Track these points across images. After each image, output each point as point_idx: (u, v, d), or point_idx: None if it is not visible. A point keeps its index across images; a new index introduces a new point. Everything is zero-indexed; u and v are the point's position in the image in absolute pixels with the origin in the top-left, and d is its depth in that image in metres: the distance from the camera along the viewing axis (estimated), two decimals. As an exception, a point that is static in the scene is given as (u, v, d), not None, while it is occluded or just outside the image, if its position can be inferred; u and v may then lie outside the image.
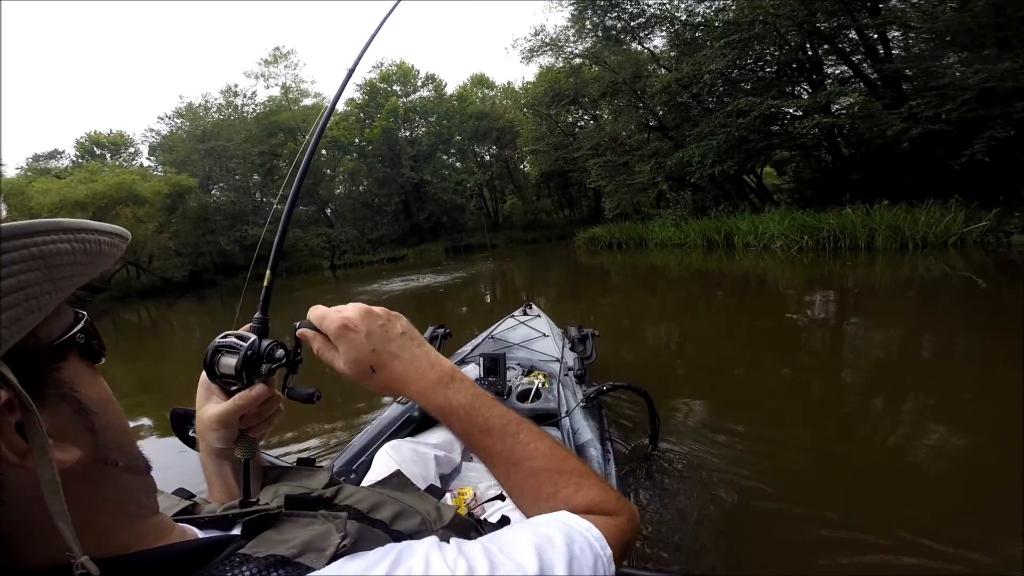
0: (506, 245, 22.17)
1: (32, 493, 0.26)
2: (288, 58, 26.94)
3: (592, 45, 15.60)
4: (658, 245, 12.09)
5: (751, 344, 4.15)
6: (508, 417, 0.50)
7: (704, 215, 11.91)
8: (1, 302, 0.23)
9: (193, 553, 0.34)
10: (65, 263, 0.28)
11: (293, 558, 0.34)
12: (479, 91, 28.87)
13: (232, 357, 0.50)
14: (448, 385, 0.49)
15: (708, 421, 2.60)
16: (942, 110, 7.77)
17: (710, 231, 10.59)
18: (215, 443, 0.53)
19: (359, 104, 26.91)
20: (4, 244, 0.24)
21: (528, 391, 1.86)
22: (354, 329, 0.48)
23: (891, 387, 2.96)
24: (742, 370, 3.54)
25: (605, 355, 3.91)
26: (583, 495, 0.47)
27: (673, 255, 10.76)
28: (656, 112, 14.70)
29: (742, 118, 10.55)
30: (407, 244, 24.77)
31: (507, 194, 29.27)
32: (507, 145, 25.87)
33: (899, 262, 6.72)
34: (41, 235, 0.26)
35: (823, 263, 7.40)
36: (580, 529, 0.42)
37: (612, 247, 13.75)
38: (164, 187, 17.83)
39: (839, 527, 1.68)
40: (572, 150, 17.74)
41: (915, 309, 4.68)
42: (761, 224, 9.23)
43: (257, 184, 26.41)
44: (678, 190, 13.51)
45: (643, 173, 13.64)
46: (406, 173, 24.13)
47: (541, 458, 0.48)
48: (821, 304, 5.32)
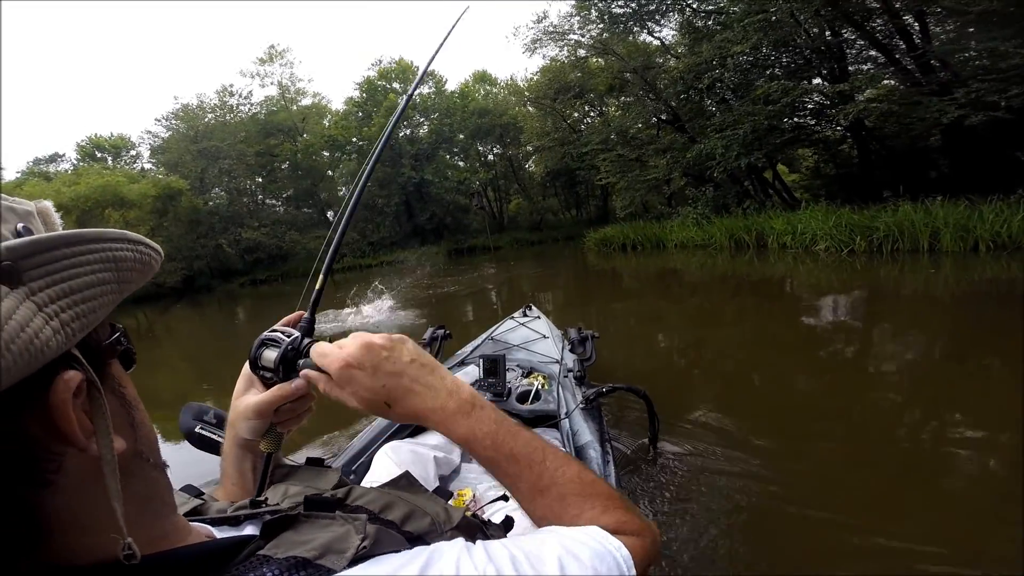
0: (511, 247, 21.39)
1: (84, 479, 0.27)
2: (283, 56, 26.26)
3: (599, 34, 14.64)
4: (678, 246, 11.07)
5: (787, 358, 3.74)
6: (534, 443, 0.49)
7: (726, 213, 10.95)
8: (85, 294, 0.26)
9: (214, 553, 0.35)
10: (127, 268, 0.30)
11: (314, 560, 0.34)
12: (481, 88, 28.03)
13: (274, 351, 0.52)
14: (469, 414, 0.48)
15: (710, 425, 2.56)
16: (1004, 96, 6.82)
17: (738, 230, 9.54)
18: (245, 433, 0.54)
19: (357, 102, 26.10)
20: (89, 246, 0.27)
21: (528, 393, 1.85)
22: (358, 367, 0.47)
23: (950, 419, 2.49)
24: (786, 389, 3.16)
25: (618, 361, 3.89)
26: (610, 516, 0.47)
27: (695, 257, 9.80)
28: (669, 104, 13.71)
29: (772, 105, 9.59)
30: (408, 246, 23.92)
31: (512, 194, 28.37)
32: (511, 143, 24.98)
33: (972, 266, 5.77)
34: (112, 242, 0.29)
35: (879, 267, 6.44)
36: (609, 547, 0.42)
37: (626, 248, 12.74)
38: (151, 189, 17.00)
39: (842, 531, 1.68)
40: (579, 145, 16.79)
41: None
42: (800, 222, 8.19)
43: (259, 186, 25.71)
44: (696, 186, 12.49)
45: (658, 168, 12.68)
46: (407, 172, 23.21)
47: (569, 483, 0.48)
48: (888, 317, 4.45)
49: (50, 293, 0.24)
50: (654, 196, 16.35)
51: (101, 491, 0.27)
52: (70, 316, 0.25)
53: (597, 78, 15.69)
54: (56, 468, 0.26)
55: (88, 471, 0.27)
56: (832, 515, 1.77)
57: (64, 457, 0.26)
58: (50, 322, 0.24)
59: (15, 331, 0.21)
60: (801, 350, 3.93)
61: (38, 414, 0.25)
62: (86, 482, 0.27)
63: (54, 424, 0.25)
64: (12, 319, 0.21)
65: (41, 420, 0.25)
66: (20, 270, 0.23)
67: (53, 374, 0.25)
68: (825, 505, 1.83)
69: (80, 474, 0.27)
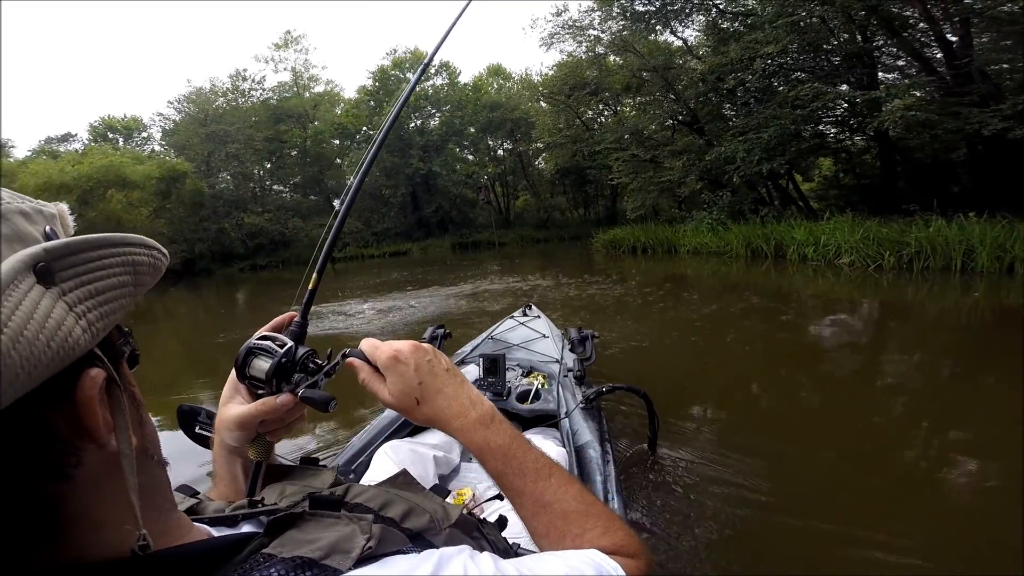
0: (516, 243, 21.00)
1: (100, 475, 0.28)
2: (299, 42, 25.95)
3: (619, 31, 14.22)
4: (690, 252, 10.65)
5: (801, 371, 3.61)
6: (542, 461, 0.51)
7: (742, 220, 10.58)
8: (108, 295, 0.27)
9: (219, 549, 0.35)
10: (142, 272, 0.31)
11: (320, 560, 0.34)
12: (495, 81, 27.61)
13: (266, 361, 0.49)
14: (488, 425, 0.50)
15: (711, 426, 2.56)
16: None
17: (756, 239, 9.10)
18: (230, 442, 0.53)
19: (369, 91, 25.75)
20: (113, 250, 0.28)
21: (527, 392, 1.85)
22: (404, 362, 0.50)
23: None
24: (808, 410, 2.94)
25: (621, 362, 3.85)
26: (609, 537, 0.48)
27: (708, 264, 9.43)
28: (688, 105, 13.30)
29: (800, 109, 9.19)
30: (413, 238, 23.61)
31: (520, 190, 27.98)
32: (521, 138, 24.58)
33: (1007, 286, 5.41)
34: (131, 246, 0.30)
35: (905, 285, 6.08)
36: (608, 569, 0.43)
37: (635, 251, 12.34)
38: (155, 171, 16.72)
39: (841, 537, 1.67)
40: (592, 143, 16.37)
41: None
42: (823, 233, 7.76)
43: (267, 172, 25.44)
44: (711, 190, 12.10)
45: (673, 170, 12.28)
46: (414, 163, 22.85)
47: (572, 501, 0.49)
48: (914, 339, 4.12)
49: (79, 293, 0.25)
50: (665, 199, 15.97)
51: (114, 486, 0.28)
52: (96, 316, 0.26)
53: (614, 76, 15.27)
54: (76, 463, 0.27)
55: (104, 467, 0.28)
56: (830, 522, 1.76)
57: (84, 452, 0.27)
58: (79, 321, 0.25)
59: (53, 329, 0.22)
60: (821, 363, 3.77)
61: (64, 410, 0.26)
62: (102, 477, 0.28)
63: (80, 420, 0.26)
64: (50, 318, 0.23)
65: (67, 416, 0.26)
66: (53, 271, 0.24)
67: (78, 372, 0.26)
68: (823, 511, 1.82)
69: (97, 469, 0.28)
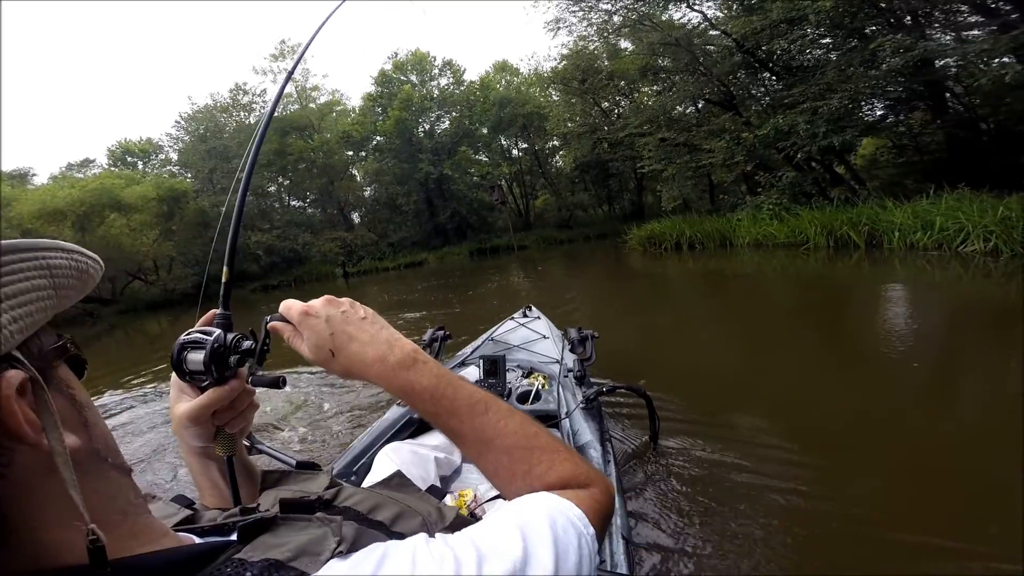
0: (537, 246, 19.58)
1: (37, 473, 0.28)
2: (295, 52, 25.11)
3: (633, 2, 12.64)
4: (751, 245, 9.10)
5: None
6: (476, 396, 0.49)
7: (807, 202, 8.96)
8: (20, 299, 0.28)
9: (190, 558, 0.34)
10: (62, 275, 0.32)
11: (287, 562, 0.34)
12: (502, 78, 26.29)
13: (199, 352, 0.49)
14: (410, 367, 0.49)
15: (715, 431, 2.40)
16: None
17: (839, 225, 7.53)
18: (192, 441, 0.53)
19: (373, 96, 24.74)
20: (21, 255, 0.29)
21: (528, 393, 1.86)
22: (314, 315, 0.49)
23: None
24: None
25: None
26: (557, 471, 0.47)
27: (776, 259, 7.88)
28: (721, 81, 11.68)
29: (875, 68, 7.57)
30: (431, 247, 22.41)
31: (538, 189, 26.56)
32: (536, 135, 23.18)
33: None
34: (44, 251, 0.31)
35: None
36: (562, 508, 0.42)
37: (680, 248, 10.78)
38: (151, 191, 15.91)
39: (854, 532, 1.64)
40: (616, 130, 14.86)
41: None
42: (940, 214, 6.19)
43: (281, 187, 24.71)
44: (766, 172, 10.45)
45: (715, 152, 10.72)
46: (424, 168, 21.66)
47: (512, 435, 0.48)
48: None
49: None
50: (696, 190, 14.37)
51: (57, 485, 0.28)
52: (8, 319, 0.27)
53: (629, 60, 13.75)
54: (8, 462, 0.27)
55: (42, 466, 0.28)
56: (841, 517, 1.71)
57: (15, 452, 0.27)
58: None
59: None
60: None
61: None
62: (40, 476, 0.28)
63: (0, 420, 0.27)
64: None
65: None
66: None
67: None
68: (834, 507, 1.77)
69: (33, 469, 0.28)
